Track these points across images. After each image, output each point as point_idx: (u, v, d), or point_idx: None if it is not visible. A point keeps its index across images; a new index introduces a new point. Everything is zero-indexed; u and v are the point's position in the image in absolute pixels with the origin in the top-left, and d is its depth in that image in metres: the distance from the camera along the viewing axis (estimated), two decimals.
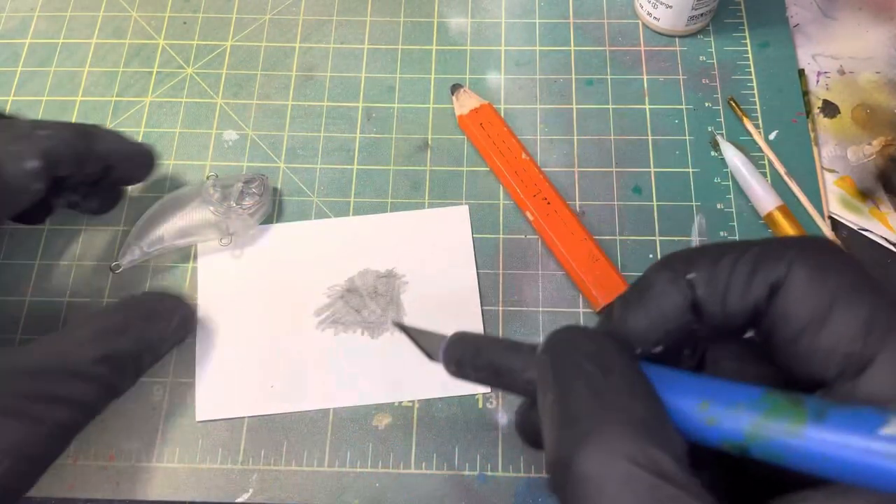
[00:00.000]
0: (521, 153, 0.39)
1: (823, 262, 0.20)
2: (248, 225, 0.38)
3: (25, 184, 0.31)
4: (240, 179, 0.38)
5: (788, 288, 0.20)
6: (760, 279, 0.20)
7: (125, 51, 0.45)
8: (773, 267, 0.20)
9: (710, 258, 0.21)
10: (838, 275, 0.20)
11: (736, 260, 0.21)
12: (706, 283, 0.21)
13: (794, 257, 0.20)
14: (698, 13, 0.41)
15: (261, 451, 0.35)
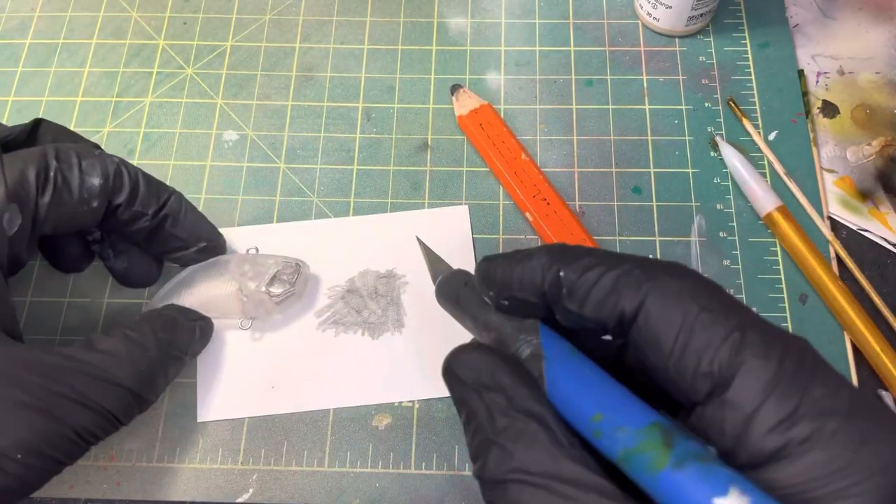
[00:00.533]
0: (520, 153, 0.39)
1: (678, 290, 0.21)
2: (272, 312, 0.36)
3: (86, 197, 0.31)
4: (277, 264, 0.36)
5: (645, 315, 0.21)
6: (613, 302, 0.22)
7: (125, 51, 0.45)
8: (630, 293, 0.22)
9: (583, 265, 0.23)
10: (692, 301, 0.21)
11: (600, 276, 0.22)
12: (569, 286, 0.23)
13: (650, 287, 0.21)
14: (698, 13, 0.41)
15: (261, 451, 0.35)
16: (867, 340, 0.35)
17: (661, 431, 0.19)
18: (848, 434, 0.18)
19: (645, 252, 0.38)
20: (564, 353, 0.23)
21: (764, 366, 0.19)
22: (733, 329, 0.20)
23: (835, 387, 0.19)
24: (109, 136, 0.42)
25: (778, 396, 0.19)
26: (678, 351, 0.20)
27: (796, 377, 0.19)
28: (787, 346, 0.20)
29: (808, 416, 0.19)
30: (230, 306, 0.36)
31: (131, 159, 0.41)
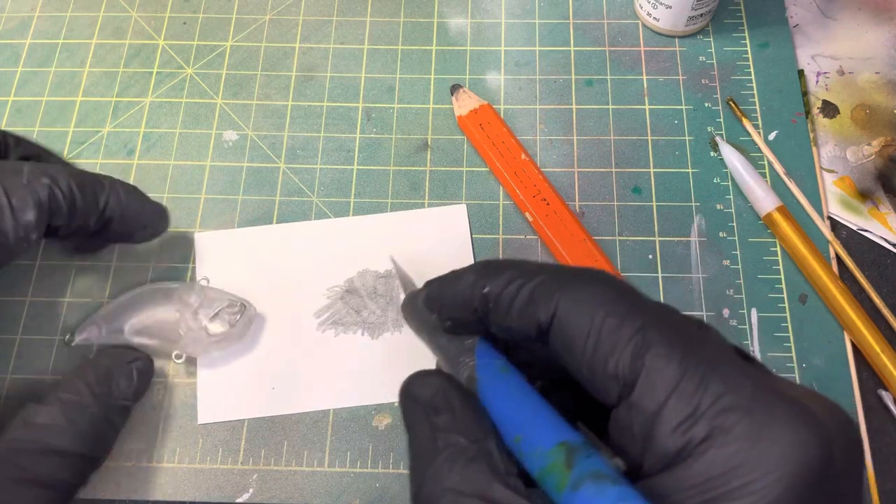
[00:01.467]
0: (520, 153, 0.39)
1: (586, 296, 0.22)
2: (208, 349, 0.35)
3: (22, 236, 0.30)
4: (222, 301, 0.35)
5: (558, 323, 0.22)
6: (532, 311, 0.23)
7: (125, 51, 0.45)
8: (543, 302, 0.22)
9: (504, 279, 0.24)
10: (599, 306, 0.21)
11: (519, 288, 0.23)
12: (494, 301, 0.24)
13: (560, 295, 0.22)
14: (698, 13, 0.41)
15: (261, 452, 0.35)
16: (867, 340, 0.35)
17: (566, 451, 0.20)
18: (745, 430, 0.18)
19: (644, 252, 0.38)
20: (495, 374, 0.24)
21: (665, 366, 0.20)
22: (636, 331, 0.21)
23: (736, 381, 0.19)
24: (109, 136, 0.42)
25: (678, 396, 0.19)
26: (588, 355, 0.21)
27: (698, 374, 0.19)
28: (690, 342, 0.20)
29: (708, 414, 0.19)
30: (169, 335, 0.35)
31: (131, 159, 0.41)
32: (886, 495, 0.33)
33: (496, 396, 0.23)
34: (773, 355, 0.35)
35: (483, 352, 0.25)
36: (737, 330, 0.36)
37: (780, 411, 0.19)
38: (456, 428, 0.23)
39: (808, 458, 0.18)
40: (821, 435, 0.18)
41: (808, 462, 0.18)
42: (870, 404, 0.35)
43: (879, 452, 0.34)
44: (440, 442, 0.23)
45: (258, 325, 0.37)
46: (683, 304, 0.37)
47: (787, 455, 0.18)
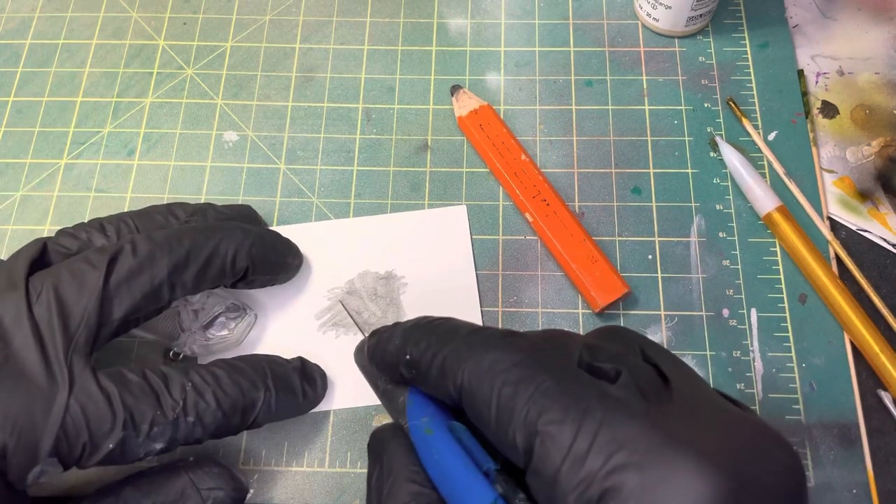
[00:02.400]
0: (520, 154, 0.39)
1: (488, 365, 0.22)
2: (203, 353, 0.35)
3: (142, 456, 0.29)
4: (223, 304, 0.35)
5: (466, 393, 0.23)
6: (444, 382, 0.24)
7: (125, 52, 0.45)
8: (451, 374, 0.23)
9: (422, 348, 0.25)
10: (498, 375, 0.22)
11: (433, 356, 0.24)
12: (416, 367, 0.25)
13: (466, 366, 0.23)
14: (697, 14, 0.41)
15: (261, 452, 0.35)
16: (866, 340, 0.35)
17: None
18: (636, 489, 0.19)
19: (644, 252, 0.38)
20: (422, 437, 0.25)
21: (558, 431, 0.20)
22: (528, 399, 0.21)
23: (629, 437, 0.20)
24: (109, 137, 0.42)
25: (571, 461, 0.20)
26: (493, 424, 0.22)
27: (589, 435, 0.20)
28: (585, 399, 0.21)
29: (600, 476, 0.19)
30: (170, 332, 0.35)
31: (131, 160, 0.41)
32: (886, 496, 0.33)
33: (425, 460, 0.24)
34: (772, 355, 0.35)
35: (413, 409, 0.26)
36: (736, 330, 0.36)
37: (673, 463, 0.19)
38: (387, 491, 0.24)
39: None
40: (722, 483, 0.18)
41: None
42: (869, 404, 0.35)
43: (879, 452, 0.34)
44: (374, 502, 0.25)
45: (259, 325, 0.37)
46: (683, 304, 0.37)
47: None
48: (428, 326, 0.26)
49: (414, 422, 0.25)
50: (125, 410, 0.27)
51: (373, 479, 0.25)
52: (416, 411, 0.26)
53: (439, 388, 0.24)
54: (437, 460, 0.24)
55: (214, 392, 0.29)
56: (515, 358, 0.22)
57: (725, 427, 0.20)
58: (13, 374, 0.26)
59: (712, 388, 0.23)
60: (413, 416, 0.26)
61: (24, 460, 0.26)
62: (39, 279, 0.28)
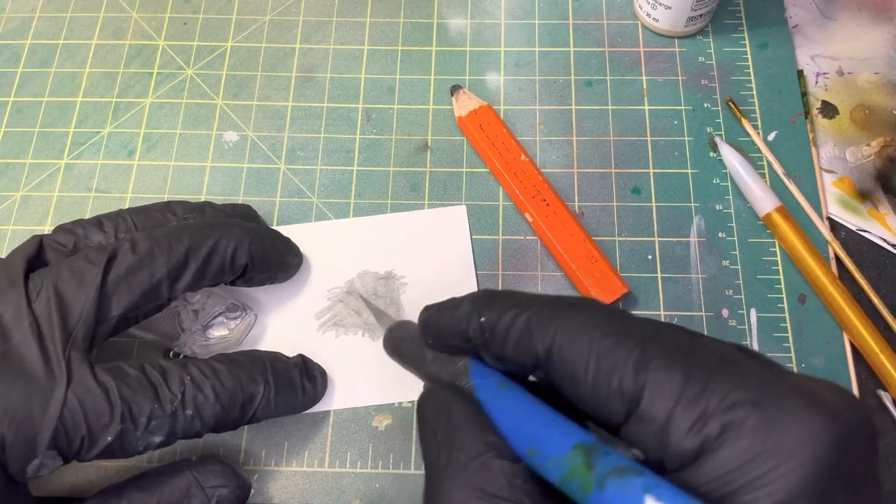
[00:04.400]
0: (520, 154, 0.39)
1: (582, 322, 0.22)
2: (203, 353, 0.35)
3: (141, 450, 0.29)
4: (224, 303, 0.35)
5: (558, 351, 0.22)
6: (528, 342, 0.23)
7: (125, 52, 0.45)
8: (540, 333, 0.23)
9: (499, 310, 0.24)
10: (595, 329, 0.22)
11: (515, 318, 0.23)
12: (490, 331, 0.24)
13: (557, 324, 0.22)
14: (697, 14, 0.41)
15: (261, 452, 0.35)
16: (866, 340, 0.35)
17: (582, 453, 0.20)
18: (756, 423, 0.19)
19: (644, 252, 0.38)
20: (494, 393, 0.24)
21: (667, 375, 0.20)
22: (634, 347, 0.21)
23: (740, 378, 0.20)
24: (109, 137, 0.42)
25: (686, 401, 0.20)
26: (591, 379, 0.21)
27: (702, 378, 0.20)
28: (690, 348, 0.21)
29: (717, 412, 0.19)
30: (170, 332, 0.35)
31: (131, 160, 0.41)
32: (886, 496, 0.33)
33: (500, 414, 0.23)
34: (772, 355, 0.35)
35: (477, 372, 0.25)
36: (736, 330, 0.36)
37: (789, 402, 0.19)
38: (457, 445, 0.23)
39: (823, 445, 0.18)
40: (833, 422, 0.19)
41: (823, 450, 0.18)
42: (869, 405, 0.35)
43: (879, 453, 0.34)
44: (442, 460, 0.23)
45: (259, 325, 0.37)
46: (683, 304, 0.37)
47: (802, 444, 0.18)
48: (502, 292, 0.25)
49: (482, 380, 0.25)
50: (123, 404, 0.27)
51: (438, 434, 0.24)
52: (481, 372, 0.25)
53: (519, 350, 0.23)
54: (518, 412, 0.23)
55: (213, 385, 0.29)
56: (609, 314, 0.22)
57: (816, 381, 0.21)
58: (12, 368, 0.26)
59: None
60: (479, 376, 0.25)
61: (23, 453, 0.26)
62: (39, 276, 0.28)
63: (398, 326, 0.31)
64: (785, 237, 0.37)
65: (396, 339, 0.30)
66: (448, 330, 0.26)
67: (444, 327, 0.26)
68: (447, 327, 0.26)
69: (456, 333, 0.26)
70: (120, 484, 0.30)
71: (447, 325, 0.26)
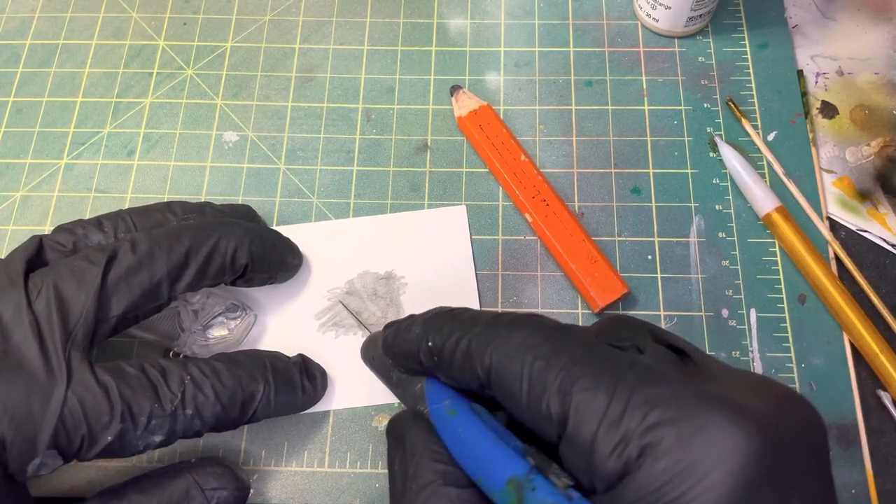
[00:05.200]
0: (520, 154, 0.39)
1: (516, 344, 0.23)
2: (203, 353, 0.35)
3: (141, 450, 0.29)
4: (223, 303, 0.35)
5: (495, 374, 0.23)
6: (470, 365, 0.24)
7: (125, 52, 0.45)
8: (479, 356, 0.23)
9: (445, 334, 0.25)
10: (527, 351, 0.22)
11: (458, 341, 0.24)
12: (438, 353, 0.25)
13: (493, 346, 0.23)
14: (697, 14, 0.41)
15: (261, 452, 0.35)
16: (866, 341, 0.35)
17: (514, 489, 0.21)
18: (673, 443, 0.19)
19: (644, 253, 0.38)
20: (444, 419, 0.25)
21: (591, 397, 0.21)
22: (560, 369, 0.21)
23: (662, 397, 0.20)
24: (109, 137, 0.42)
25: (608, 424, 0.20)
26: (525, 401, 0.22)
27: (623, 399, 0.20)
28: (615, 368, 0.21)
29: (636, 434, 0.19)
30: (169, 332, 0.35)
31: (131, 160, 0.41)
32: (886, 496, 0.33)
33: (450, 440, 0.24)
34: (771, 355, 0.36)
35: (432, 395, 0.26)
36: (736, 330, 0.36)
37: (706, 417, 0.19)
38: (410, 474, 0.24)
39: (740, 458, 0.18)
40: (752, 433, 0.19)
41: (741, 462, 0.18)
42: (869, 405, 0.35)
43: (878, 453, 0.34)
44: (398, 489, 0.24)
45: (259, 326, 0.37)
46: (682, 304, 0.37)
47: (717, 460, 0.18)
48: (449, 314, 0.26)
49: (435, 405, 0.25)
50: (123, 403, 0.27)
51: (395, 463, 0.25)
52: (436, 396, 0.26)
53: (464, 372, 0.24)
54: (464, 439, 0.23)
55: (213, 385, 0.29)
56: (544, 334, 0.23)
57: (751, 387, 0.21)
58: (12, 367, 0.27)
59: None
60: (434, 400, 0.26)
61: (23, 452, 0.26)
62: (39, 276, 0.29)
63: (371, 342, 0.31)
64: (785, 237, 0.37)
65: (369, 356, 0.31)
66: (403, 353, 0.27)
67: (399, 350, 0.27)
68: (402, 350, 0.27)
69: (409, 356, 0.26)
70: (119, 485, 0.30)
71: (402, 348, 0.27)
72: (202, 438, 0.35)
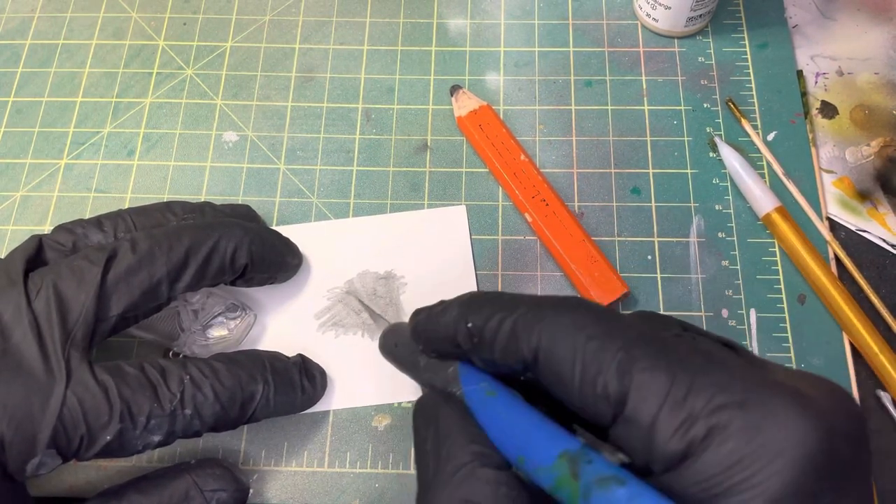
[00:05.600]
0: (519, 154, 0.39)
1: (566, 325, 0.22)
2: (203, 353, 0.35)
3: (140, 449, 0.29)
4: (223, 303, 0.35)
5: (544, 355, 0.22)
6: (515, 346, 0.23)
7: (125, 52, 0.45)
8: (526, 336, 0.23)
9: (486, 315, 0.24)
10: (580, 331, 0.22)
11: (501, 322, 0.23)
12: (478, 336, 0.24)
13: (542, 327, 0.22)
14: (697, 14, 0.41)
15: (261, 452, 0.35)
16: (866, 341, 0.35)
17: (567, 462, 0.20)
18: (741, 426, 0.19)
19: (643, 253, 0.38)
20: (483, 400, 0.24)
21: (652, 378, 0.20)
22: (618, 350, 0.21)
23: (726, 379, 0.20)
24: (109, 137, 0.42)
25: (671, 404, 0.20)
26: (577, 382, 0.21)
27: (686, 380, 0.20)
28: (673, 351, 0.21)
29: (703, 415, 0.19)
30: (169, 332, 0.35)
31: (131, 160, 0.41)
32: (886, 496, 0.33)
33: (489, 422, 0.23)
34: (771, 355, 0.36)
35: (467, 378, 0.25)
36: (736, 330, 0.36)
37: (774, 403, 0.19)
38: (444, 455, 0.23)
39: (807, 446, 0.18)
40: (818, 422, 0.19)
41: (808, 450, 0.18)
42: (868, 405, 0.35)
43: (878, 453, 0.34)
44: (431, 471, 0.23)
45: (259, 326, 0.37)
46: (682, 304, 0.37)
47: (786, 445, 0.18)
48: (488, 295, 0.25)
49: (472, 386, 0.25)
50: (122, 403, 0.27)
51: (427, 444, 0.25)
52: (471, 378, 0.25)
53: (507, 354, 0.23)
54: (506, 420, 0.23)
55: (213, 385, 0.29)
56: (594, 315, 0.22)
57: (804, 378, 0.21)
58: (11, 367, 0.27)
59: None
60: (469, 381, 0.25)
61: (22, 451, 0.26)
62: (39, 275, 0.29)
63: (392, 330, 0.31)
64: (784, 237, 0.37)
65: (391, 344, 0.30)
66: (437, 336, 0.26)
67: (434, 333, 0.26)
68: (436, 333, 0.26)
69: (445, 339, 0.26)
70: (119, 487, 0.30)
71: (436, 332, 0.26)
72: (201, 439, 0.35)
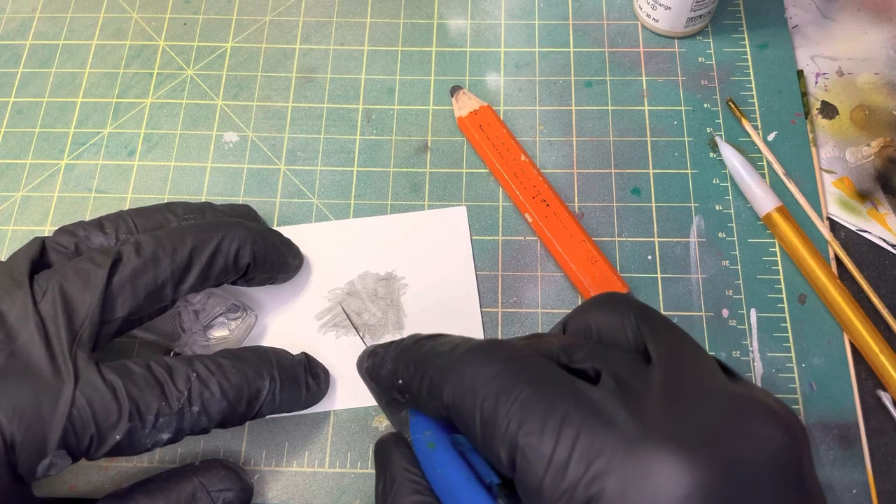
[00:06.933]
0: (520, 155, 0.39)
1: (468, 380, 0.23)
2: (203, 352, 0.34)
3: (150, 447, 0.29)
4: (224, 304, 0.35)
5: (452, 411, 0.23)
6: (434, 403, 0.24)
7: (126, 52, 0.45)
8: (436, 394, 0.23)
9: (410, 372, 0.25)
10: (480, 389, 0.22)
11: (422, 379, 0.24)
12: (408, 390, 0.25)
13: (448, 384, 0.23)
14: (697, 14, 0.41)
15: (262, 452, 0.35)
16: (866, 341, 0.35)
17: None
18: (619, 491, 0.19)
19: (644, 253, 0.38)
20: (424, 451, 0.25)
21: (538, 442, 0.20)
22: (509, 411, 0.21)
23: (610, 439, 0.20)
24: (109, 138, 0.42)
25: (554, 471, 0.20)
26: (479, 440, 0.22)
27: (569, 441, 0.20)
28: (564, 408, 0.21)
29: (583, 483, 0.19)
30: (170, 333, 0.35)
31: (132, 160, 0.41)
32: (885, 496, 0.33)
33: (429, 472, 0.25)
34: (772, 355, 0.36)
35: (415, 425, 0.26)
36: (736, 330, 0.36)
37: (653, 462, 0.19)
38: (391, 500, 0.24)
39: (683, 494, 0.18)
40: (701, 476, 0.18)
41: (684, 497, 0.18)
42: (869, 405, 0.35)
43: (878, 453, 0.34)
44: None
45: (260, 326, 0.37)
46: (682, 304, 0.37)
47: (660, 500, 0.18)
48: (415, 347, 0.26)
49: (416, 435, 0.26)
50: (130, 402, 0.27)
51: (379, 488, 0.26)
52: (418, 425, 0.26)
53: (430, 409, 0.24)
54: (440, 474, 0.24)
55: (219, 381, 0.29)
56: (494, 370, 0.22)
57: (707, 408, 0.21)
58: (19, 369, 0.27)
59: (705, 356, 0.23)
60: (416, 429, 0.26)
61: (33, 453, 0.26)
62: (45, 278, 0.29)
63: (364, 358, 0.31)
64: (785, 237, 0.37)
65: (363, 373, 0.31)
66: (383, 386, 0.27)
67: (379, 383, 0.27)
68: (381, 384, 0.27)
69: (388, 390, 0.27)
70: (126, 489, 0.30)
71: (380, 382, 0.27)
72: (202, 440, 0.35)
